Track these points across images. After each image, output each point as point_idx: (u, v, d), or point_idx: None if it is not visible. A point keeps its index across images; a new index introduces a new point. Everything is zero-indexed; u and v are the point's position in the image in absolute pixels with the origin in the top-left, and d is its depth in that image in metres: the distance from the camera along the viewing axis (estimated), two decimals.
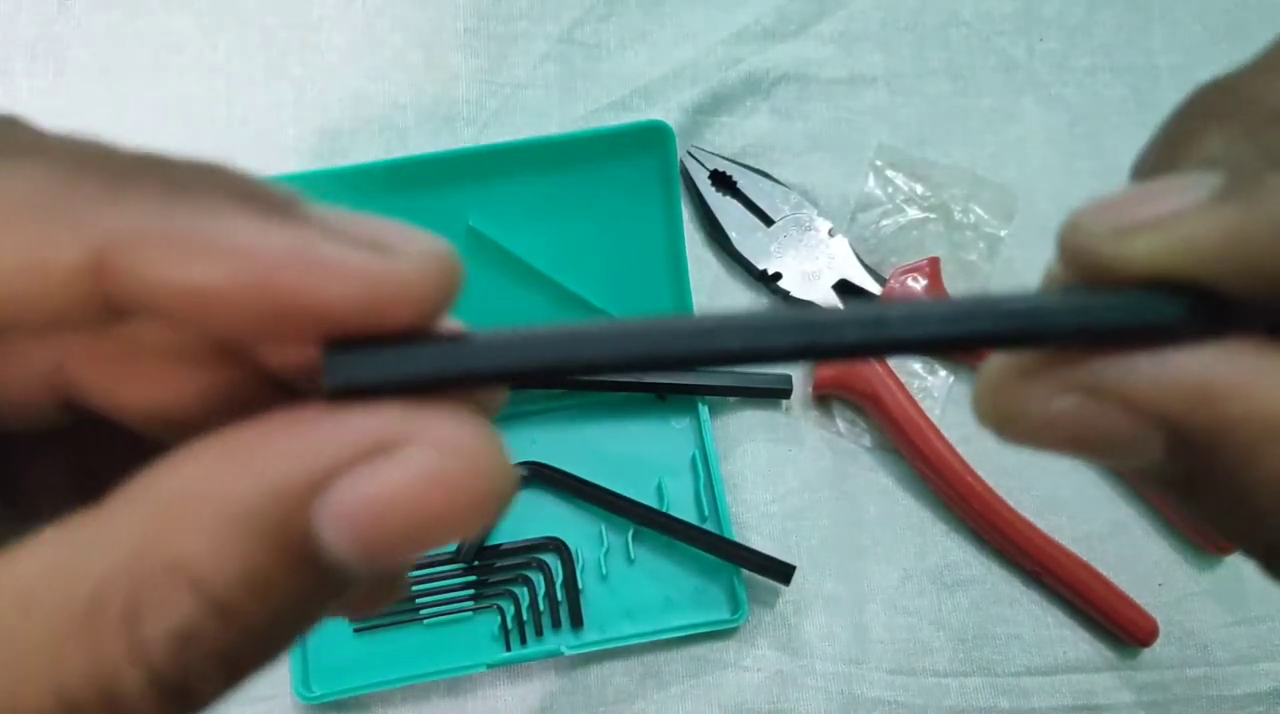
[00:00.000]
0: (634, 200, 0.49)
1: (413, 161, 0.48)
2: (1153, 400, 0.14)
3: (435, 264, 0.14)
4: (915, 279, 0.51)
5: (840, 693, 0.48)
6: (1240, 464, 0.13)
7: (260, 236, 0.13)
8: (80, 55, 0.54)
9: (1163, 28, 0.57)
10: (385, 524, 0.12)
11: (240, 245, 0.12)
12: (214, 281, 0.12)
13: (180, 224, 0.13)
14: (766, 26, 0.55)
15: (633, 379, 0.49)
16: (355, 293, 0.13)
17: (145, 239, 0.12)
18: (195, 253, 0.12)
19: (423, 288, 0.13)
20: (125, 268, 0.12)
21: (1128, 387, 0.14)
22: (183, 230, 0.13)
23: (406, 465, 0.12)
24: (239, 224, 0.13)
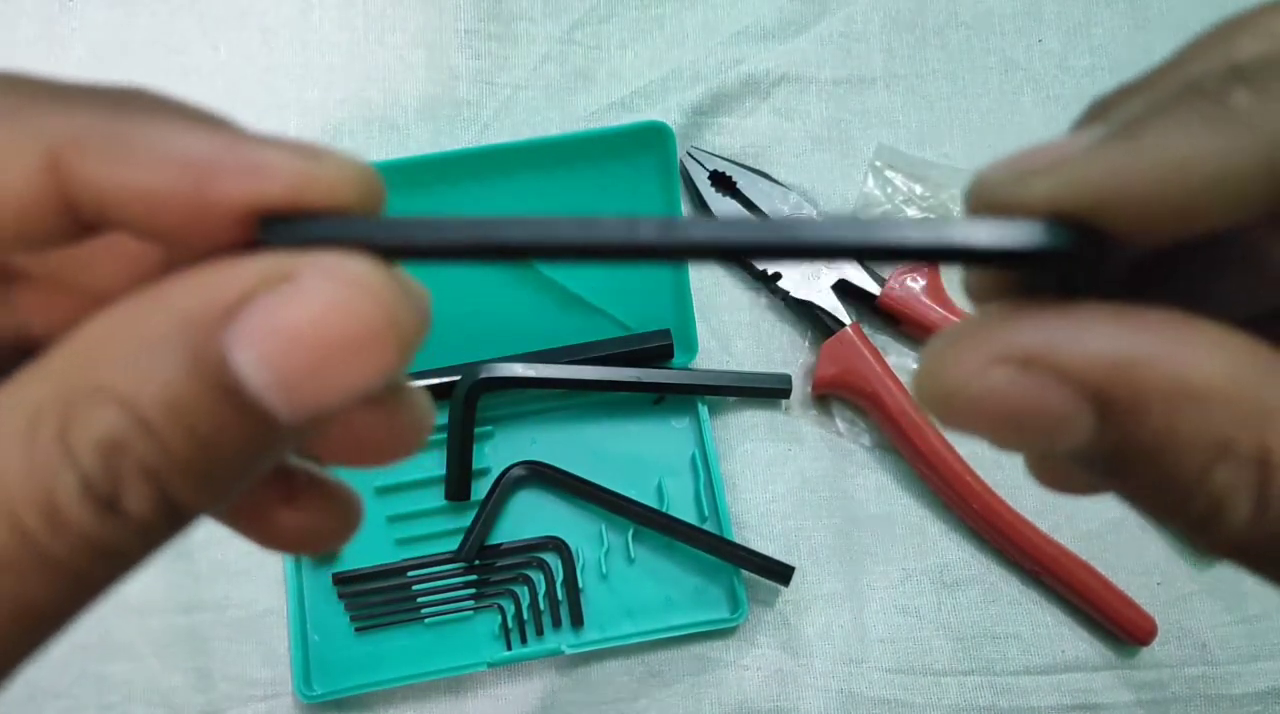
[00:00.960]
0: (634, 200, 0.49)
1: (413, 162, 0.48)
2: (1081, 369, 0.14)
3: (356, 169, 0.15)
4: (914, 279, 0.51)
5: (840, 692, 0.48)
6: (1161, 432, 0.14)
7: (200, 141, 0.14)
8: (81, 55, 0.54)
9: (1163, 28, 0.57)
10: (289, 348, 0.13)
11: (182, 147, 0.14)
12: (160, 180, 0.14)
13: (125, 129, 0.14)
14: (766, 27, 0.55)
15: (633, 380, 0.49)
16: (284, 188, 0.14)
17: (94, 141, 0.14)
18: (142, 154, 0.14)
19: (345, 186, 0.15)
20: (78, 169, 0.14)
21: (1057, 355, 0.14)
22: (129, 134, 0.14)
23: (304, 292, 0.13)
24: (179, 131, 0.14)
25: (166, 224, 0.14)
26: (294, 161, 0.14)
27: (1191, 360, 0.14)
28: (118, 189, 0.14)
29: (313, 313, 0.13)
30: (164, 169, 0.14)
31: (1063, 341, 0.14)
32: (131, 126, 0.14)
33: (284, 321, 0.13)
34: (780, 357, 0.52)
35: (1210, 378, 0.14)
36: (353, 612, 0.48)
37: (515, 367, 0.49)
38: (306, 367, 0.13)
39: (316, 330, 0.13)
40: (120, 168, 0.14)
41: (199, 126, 0.14)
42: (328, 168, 0.14)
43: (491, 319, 0.51)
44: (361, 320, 0.14)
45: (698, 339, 0.51)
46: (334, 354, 0.13)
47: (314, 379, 0.14)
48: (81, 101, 0.14)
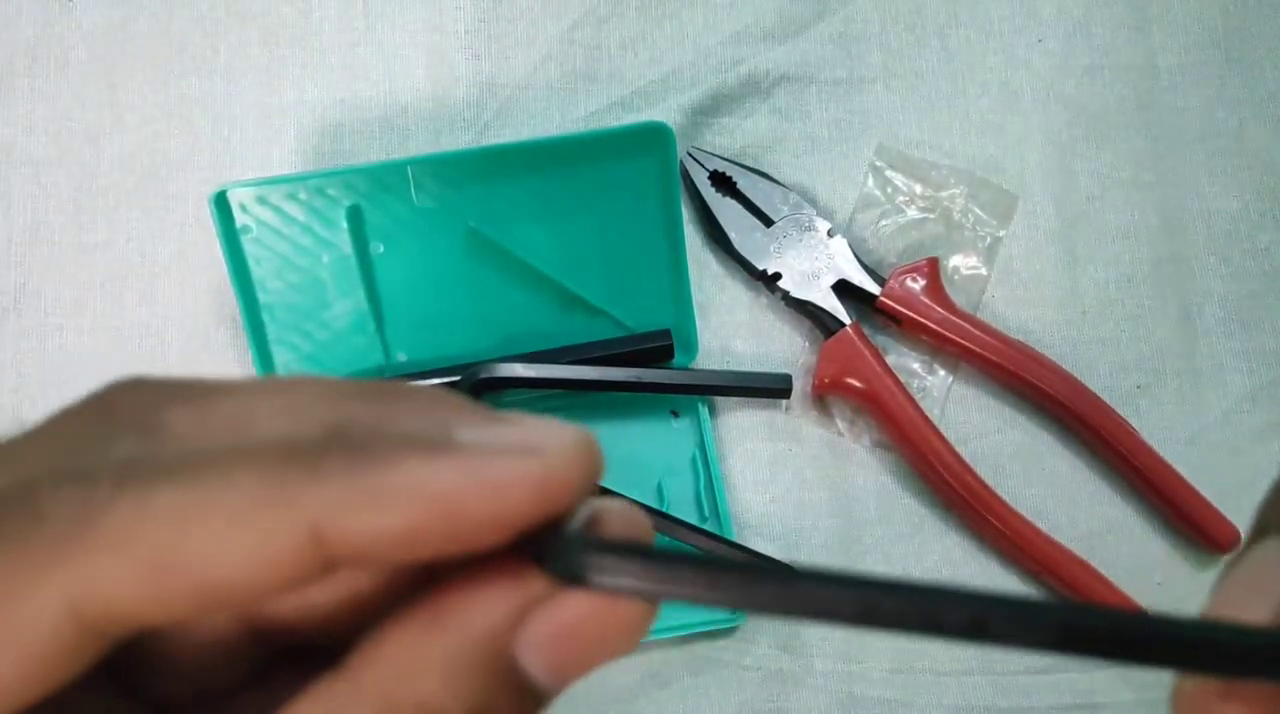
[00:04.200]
0: (634, 201, 0.49)
1: (413, 162, 0.48)
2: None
3: (580, 452, 0.16)
4: (914, 279, 0.51)
5: (840, 692, 0.48)
6: None
7: (440, 473, 0.15)
8: (81, 55, 0.54)
9: (1162, 28, 0.57)
10: (570, 649, 0.16)
11: (425, 486, 0.15)
12: (409, 524, 0.15)
13: (370, 481, 0.15)
14: (766, 27, 0.55)
15: (633, 380, 0.49)
16: (522, 499, 0.15)
17: (344, 505, 0.15)
18: (388, 505, 0.15)
19: (573, 477, 0.16)
20: (335, 533, 0.15)
21: None
22: (374, 485, 0.15)
23: (582, 600, 0.16)
24: (418, 466, 0.15)
25: (422, 556, 0.15)
26: (530, 471, 0.15)
27: None
28: (372, 539, 0.15)
29: (586, 616, 0.16)
30: (410, 513, 0.15)
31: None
32: (374, 475, 0.15)
33: (564, 621, 0.16)
34: (780, 356, 0.52)
35: None
36: None
37: (515, 367, 0.49)
38: (579, 653, 0.16)
39: (588, 629, 0.16)
40: (372, 521, 0.15)
41: (435, 456, 0.15)
42: (556, 464, 0.16)
43: (491, 319, 0.51)
44: (629, 614, 0.16)
45: (698, 339, 0.51)
46: (598, 643, 0.16)
47: (584, 661, 0.16)
48: (327, 464, 0.15)
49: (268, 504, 0.15)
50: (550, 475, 0.16)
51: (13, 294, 0.51)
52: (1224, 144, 0.56)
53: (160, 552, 0.15)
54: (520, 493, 0.15)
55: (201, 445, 0.16)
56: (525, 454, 0.16)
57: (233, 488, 0.15)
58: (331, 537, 0.15)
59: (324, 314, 0.50)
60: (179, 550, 0.15)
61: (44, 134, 0.53)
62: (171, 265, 0.52)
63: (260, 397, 0.17)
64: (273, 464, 0.15)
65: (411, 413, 0.17)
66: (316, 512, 0.15)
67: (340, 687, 0.15)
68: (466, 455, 0.15)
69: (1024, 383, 0.51)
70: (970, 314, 0.52)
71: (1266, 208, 0.55)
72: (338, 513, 0.15)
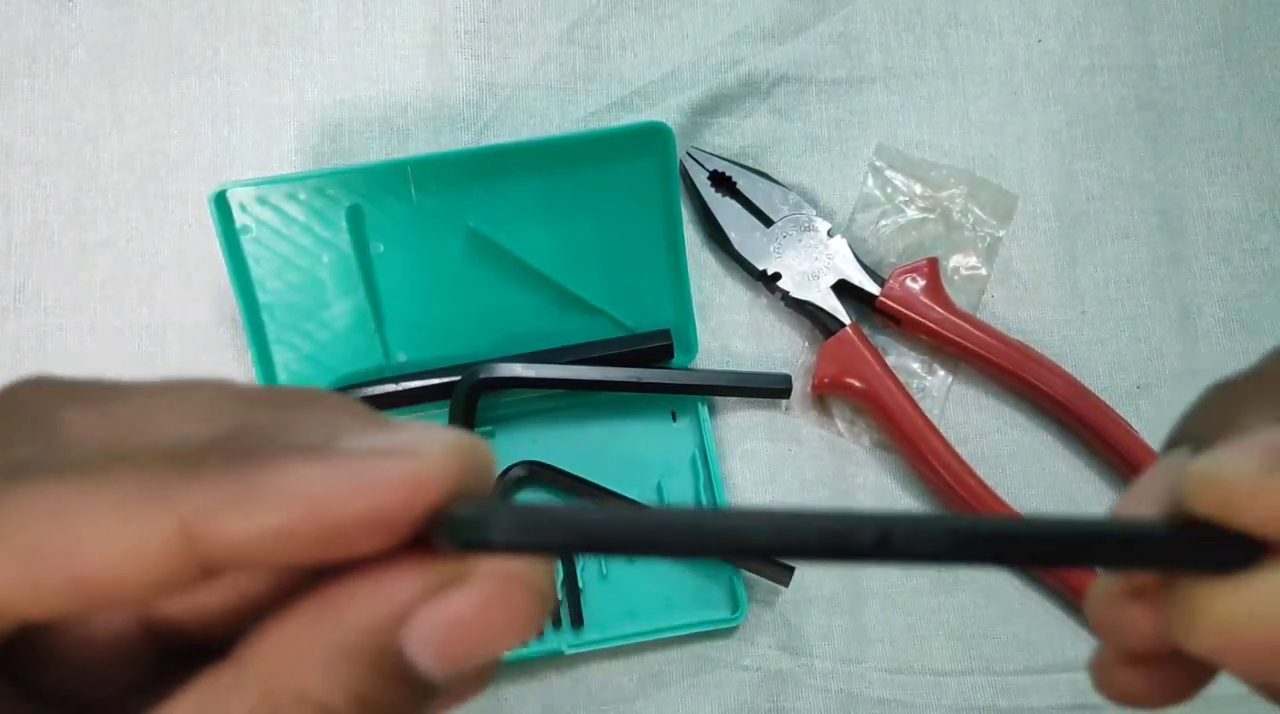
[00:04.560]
0: (634, 201, 0.49)
1: (413, 162, 0.48)
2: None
3: (456, 453, 0.16)
4: (914, 279, 0.51)
5: (840, 692, 0.48)
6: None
7: (306, 479, 0.15)
8: (81, 55, 0.54)
9: (1162, 28, 0.57)
10: (458, 640, 0.16)
11: (298, 488, 0.15)
12: (277, 522, 0.15)
13: (245, 483, 0.15)
14: (766, 27, 0.55)
15: (633, 380, 0.49)
16: (393, 498, 0.16)
17: (218, 503, 0.15)
18: (262, 505, 0.15)
19: (447, 475, 0.16)
20: (207, 533, 0.15)
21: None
22: (248, 487, 0.15)
23: (470, 591, 0.16)
24: (293, 470, 0.16)
25: (302, 559, 0.16)
26: (400, 470, 0.16)
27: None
28: (245, 540, 0.15)
29: (478, 609, 0.16)
30: (282, 514, 0.15)
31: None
32: (247, 478, 0.16)
33: (453, 616, 0.16)
34: (780, 356, 0.52)
35: None
36: None
37: (515, 367, 0.49)
38: (469, 646, 0.16)
39: (481, 621, 0.16)
40: (242, 522, 0.15)
41: (313, 461, 0.16)
42: (433, 466, 0.16)
43: (491, 319, 0.51)
44: (518, 608, 0.16)
45: (698, 339, 0.51)
46: (492, 635, 0.16)
47: (476, 654, 0.16)
48: (204, 467, 0.16)
49: (140, 502, 0.15)
50: (420, 474, 0.16)
51: (13, 294, 0.51)
52: (1224, 144, 0.56)
53: (35, 545, 0.15)
54: (391, 492, 0.15)
55: (92, 447, 0.16)
56: (399, 456, 0.16)
57: (109, 486, 0.15)
58: (203, 536, 0.15)
59: (324, 314, 0.50)
60: (53, 544, 0.15)
61: (44, 134, 0.53)
62: (171, 265, 0.52)
63: (160, 399, 0.18)
64: (152, 465, 0.16)
65: (305, 420, 0.17)
66: (187, 511, 0.15)
67: (223, 677, 0.16)
68: (342, 458, 0.16)
69: (1024, 383, 0.51)
70: (970, 314, 0.52)
71: (1266, 208, 0.55)
72: (208, 513, 0.15)
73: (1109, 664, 0.20)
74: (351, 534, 0.16)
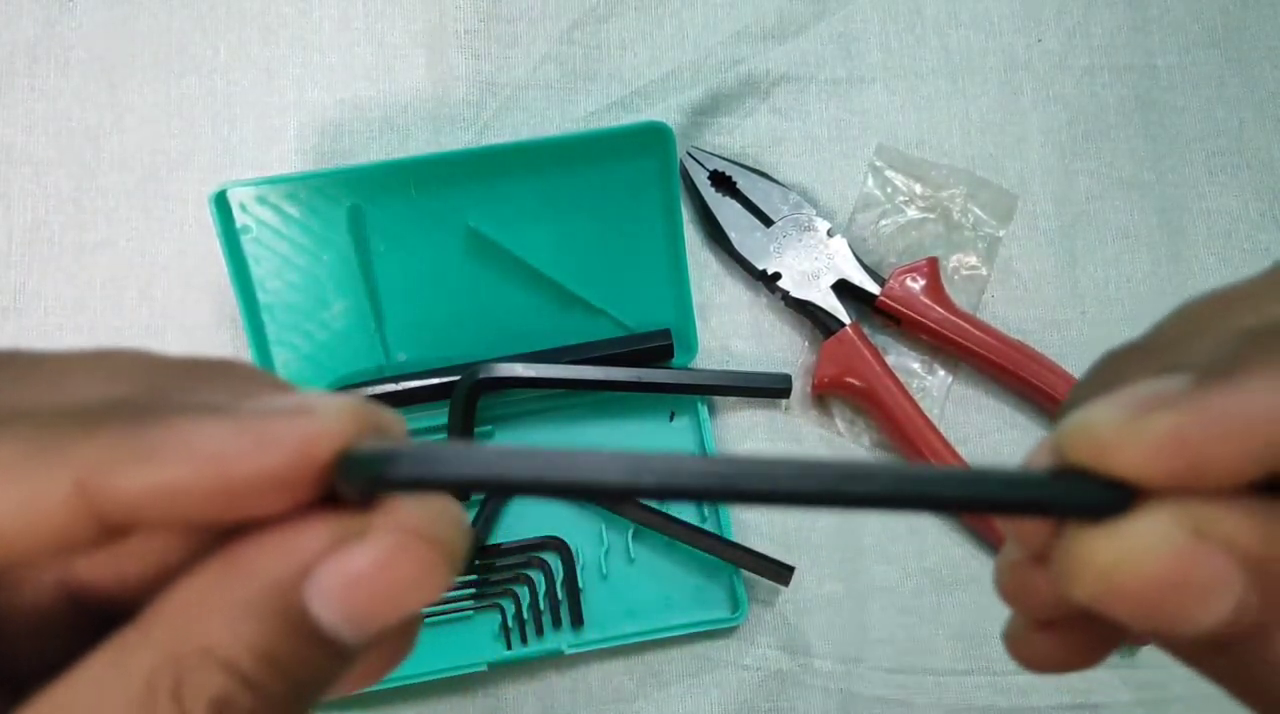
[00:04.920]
0: (634, 200, 0.49)
1: (413, 162, 0.48)
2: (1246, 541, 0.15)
3: (348, 412, 0.16)
4: (914, 279, 0.51)
5: (840, 691, 0.48)
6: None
7: (202, 435, 0.16)
8: (82, 55, 0.54)
9: (1161, 28, 0.57)
10: (360, 595, 0.16)
11: (195, 446, 0.15)
12: (172, 477, 0.15)
13: (142, 440, 0.16)
14: (766, 27, 0.55)
15: (633, 380, 0.49)
16: (286, 453, 0.16)
17: (115, 459, 0.15)
18: (155, 459, 0.15)
19: (342, 433, 0.16)
20: (102, 488, 0.15)
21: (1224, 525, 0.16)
22: (146, 444, 0.15)
23: (371, 545, 0.16)
24: (189, 430, 0.16)
25: (203, 515, 0.16)
26: (293, 427, 0.16)
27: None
28: (140, 495, 0.15)
29: (378, 563, 0.16)
30: (176, 470, 0.15)
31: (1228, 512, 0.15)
32: (146, 436, 0.16)
33: (353, 570, 0.16)
34: (780, 356, 0.52)
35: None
36: None
37: (515, 367, 0.49)
38: (373, 602, 0.16)
39: (383, 576, 0.16)
40: (137, 477, 0.15)
41: (210, 419, 0.16)
42: (325, 423, 0.16)
43: (491, 319, 0.51)
44: (419, 563, 0.16)
45: (698, 339, 0.51)
46: (397, 590, 0.16)
47: (381, 613, 0.16)
48: (104, 424, 0.16)
49: (34, 458, 0.15)
50: (312, 430, 0.16)
51: (13, 294, 0.51)
52: (1224, 144, 0.56)
53: None
54: (285, 448, 0.16)
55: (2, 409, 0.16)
56: (295, 414, 0.16)
57: (5, 443, 0.16)
58: (100, 493, 0.15)
59: (324, 314, 0.50)
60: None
61: (44, 134, 0.53)
62: (171, 265, 0.52)
63: (73, 365, 0.18)
64: (48, 423, 0.16)
65: (213, 385, 0.18)
66: (82, 466, 0.15)
67: (130, 635, 0.16)
68: (241, 417, 0.16)
69: (1024, 383, 0.51)
70: (970, 314, 0.52)
71: (1266, 208, 0.55)
72: (104, 469, 0.15)
73: (1021, 632, 0.20)
74: (249, 491, 0.16)
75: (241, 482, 0.16)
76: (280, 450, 0.16)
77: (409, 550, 0.16)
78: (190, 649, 0.15)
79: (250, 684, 0.15)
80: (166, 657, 0.15)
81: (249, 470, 0.15)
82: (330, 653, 0.16)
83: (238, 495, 0.16)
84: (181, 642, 0.15)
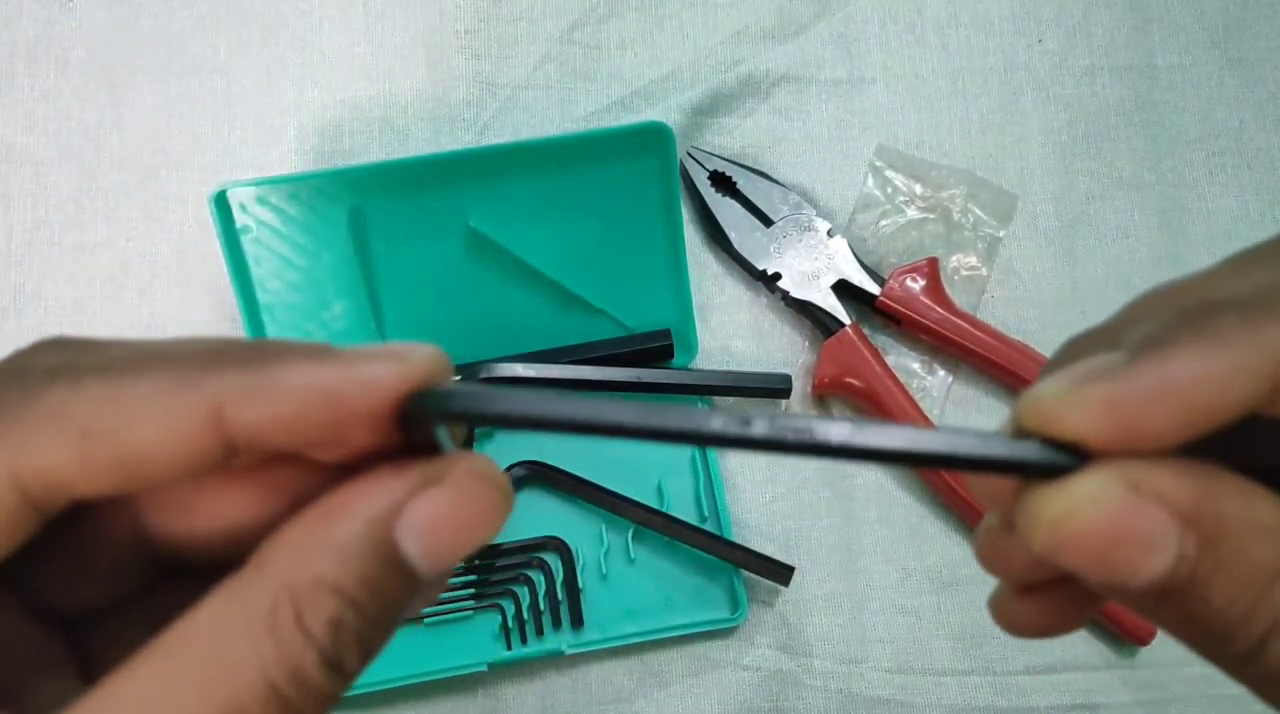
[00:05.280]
0: (634, 201, 0.49)
1: (413, 162, 0.48)
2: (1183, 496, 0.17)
3: (434, 357, 0.19)
4: (914, 279, 0.51)
5: (839, 691, 0.48)
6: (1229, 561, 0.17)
7: (322, 372, 0.18)
8: (82, 55, 0.54)
9: (1161, 28, 0.57)
10: (441, 530, 0.18)
11: (310, 380, 0.18)
12: (295, 408, 0.18)
13: (264, 375, 0.18)
14: (766, 27, 0.55)
15: (633, 380, 0.49)
16: (387, 389, 0.18)
17: (244, 390, 0.18)
18: (280, 392, 0.18)
19: (427, 373, 0.19)
20: (234, 414, 0.18)
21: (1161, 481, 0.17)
22: (268, 378, 0.18)
23: (449, 488, 0.19)
24: (304, 368, 0.18)
25: (307, 439, 0.19)
26: (392, 368, 0.18)
27: (1257, 497, 0.17)
28: (267, 422, 0.18)
29: (457, 502, 0.19)
30: (299, 400, 0.18)
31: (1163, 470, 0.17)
32: (268, 372, 0.18)
33: (438, 513, 0.18)
34: (780, 357, 0.52)
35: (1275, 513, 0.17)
36: None
37: (515, 367, 0.49)
38: (453, 539, 0.19)
39: (459, 516, 0.19)
40: (267, 405, 0.18)
41: (319, 359, 0.19)
42: (416, 365, 0.19)
43: (491, 319, 0.51)
44: (487, 503, 0.19)
45: (698, 339, 0.51)
46: (469, 529, 0.19)
47: (457, 547, 0.19)
48: (228, 361, 0.18)
49: (176, 387, 0.18)
50: (408, 371, 0.19)
51: (13, 294, 0.51)
52: (1224, 144, 0.56)
53: (89, 427, 0.18)
54: (385, 385, 0.18)
55: (128, 352, 0.19)
56: (389, 357, 0.19)
57: (149, 376, 0.18)
58: (230, 418, 0.18)
59: (324, 314, 0.50)
60: (104, 426, 0.18)
61: (44, 134, 0.53)
62: (171, 265, 0.52)
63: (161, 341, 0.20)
64: (184, 360, 0.19)
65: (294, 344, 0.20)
66: (217, 395, 0.18)
67: (246, 574, 0.18)
68: (341, 358, 0.19)
69: (1024, 383, 0.51)
70: (970, 314, 0.52)
71: (1266, 208, 0.55)
72: (236, 397, 0.18)
73: (1004, 598, 0.23)
74: (354, 423, 0.18)
75: (349, 413, 0.18)
76: (379, 388, 0.18)
77: (480, 492, 0.19)
78: (305, 580, 0.18)
79: (356, 607, 0.18)
80: (284, 586, 0.17)
81: (355, 403, 0.18)
82: (412, 583, 0.19)
83: (344, 426, 0.18)
84: (297, 574, 0.18)
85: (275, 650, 0.17)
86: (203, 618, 0.18)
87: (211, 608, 0.18)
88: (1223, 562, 0.17)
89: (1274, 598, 0.17)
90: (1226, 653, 0.17)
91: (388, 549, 0.18)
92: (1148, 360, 0.17)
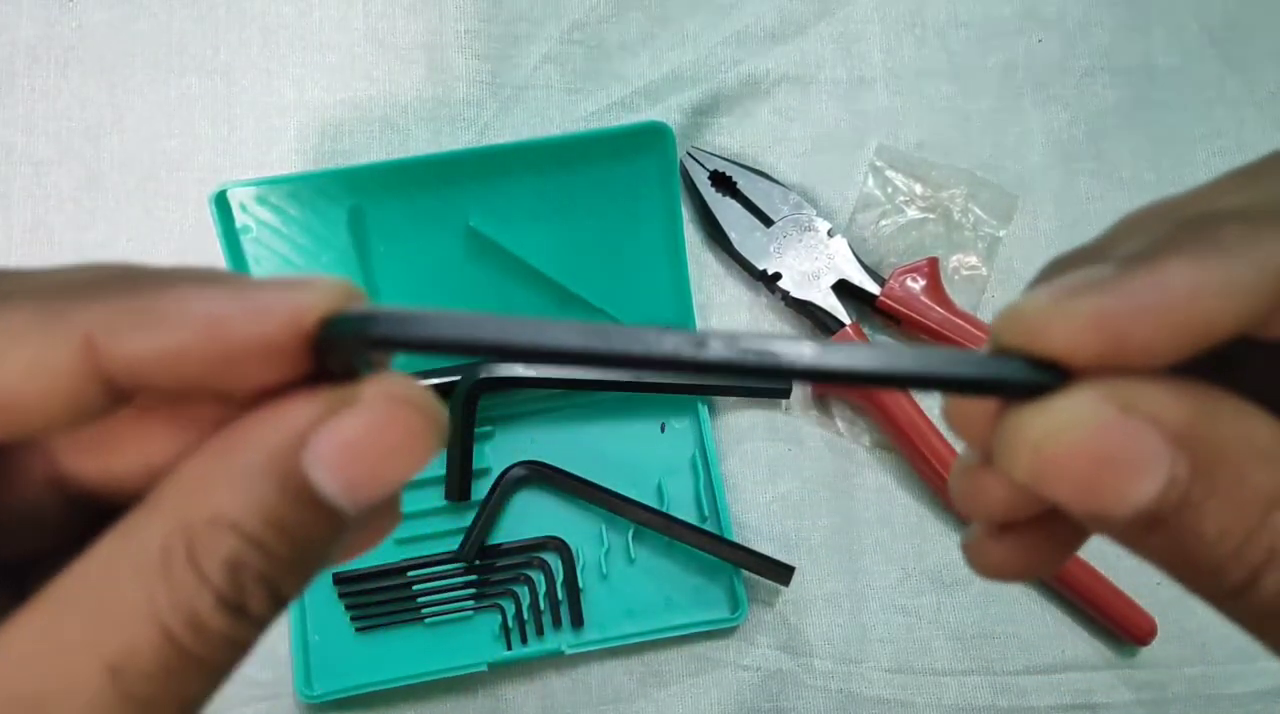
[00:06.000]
0: (634, 200, 0.49)
1: (414, 162, 0.48)
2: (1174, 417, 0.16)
3: (336, 287, 0.17)
4: (914, 279, 0.51)
5: (839, 691, 0.48)
6: (1227, 487, 0.16)
7: (205, 302, 0.16)
8: (82, 55, 0.54)
9: (1162, 28, 0.57)
10: (355, 460, 0.17)
11: (194, 309, 0.16)
12: (177, 341, 0.16)
13: (144, 304, 0.16)
14: (766, 28, 0.55)
15: (633, 380, 0.49)
16: (281, 320, 0.17)
17: (120, 321, 0.16)
18: (160, 323, 0.16)
19: (329, 304, 0.17)
20: (108, 348, 0.16)
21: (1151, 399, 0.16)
22: (148, 308, 0.16)
23: (361, 412, 0.17)
24: (189, 296, 0.17)
25: (195, 375, 0.17)
26: (287, 295, 0.17)
27: (1256, 418, 0.16)
28: (148, 357, 0.16)
29: (369, 425, 0.17)
30: (181, 331, 0.16)
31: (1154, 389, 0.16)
32: (149, 301, 0.17)
33: (345, 434, 0.17)
34: None
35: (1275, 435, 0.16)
36: (353, 612, 0.48)
37: (515, 367, 0.49)
38: (369, 469, 0.17)
39: (373, 442, 0.17)
40: (145, 338, 0.16)
41: (206, 286, 0.17)
42: (320, 291, 0.17)
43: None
44: (406, 426, 0.17)
45: None
46: (386, 454, 0.17)
47: (375, 478, 0.17)
48: (106, 289, 0.17)
49: (42, 321, 0.16)
50: (304, 299, 0.17)
51: None
52: (1224, 144, 0.56)
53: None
54: (277, 314, 0.16)
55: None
56: (286, 287, 0.17)
57: (10, 311, 0.16)
58: (104, 354, 0.16)
59: None
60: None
61: (44, 134, 0.53)
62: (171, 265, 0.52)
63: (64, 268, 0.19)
64: (53, 291, 0.17)
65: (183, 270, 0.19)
66: (88, 327, 0.16)
67: (138, 513, 0.17)
68: (234, 286, 0.17)
69: None
70: (970, 314, 0.52)
71: None
72: (109, 329, 0.16)
73: (979, 540, 0.21)
74: (246, 357, 0.16)
75: (239, 346, 0.16)
76: (274, 317, 0.16)
77: (398, 415, 0.17)
78: (200, 517, 0.16)
79: (259, 546, 0.16)
80: (178, 525, 0.16)
81: (245, 334, 0.16)
82: (330, 520, 0.17)
83: (235, 360, 0.16)
84: (191, 511, 0.16)
85: (167, 594, 0.16)
86: (92, 562, 0.16)
87: (101, 551, 0.16)
88: (1217, 487, 0.15)
89: (1271, 526, 0.15)
90: (1217, 586, 0.16)
91: (295, 482, 0.16)
92: (1141, 271, 0.16)
